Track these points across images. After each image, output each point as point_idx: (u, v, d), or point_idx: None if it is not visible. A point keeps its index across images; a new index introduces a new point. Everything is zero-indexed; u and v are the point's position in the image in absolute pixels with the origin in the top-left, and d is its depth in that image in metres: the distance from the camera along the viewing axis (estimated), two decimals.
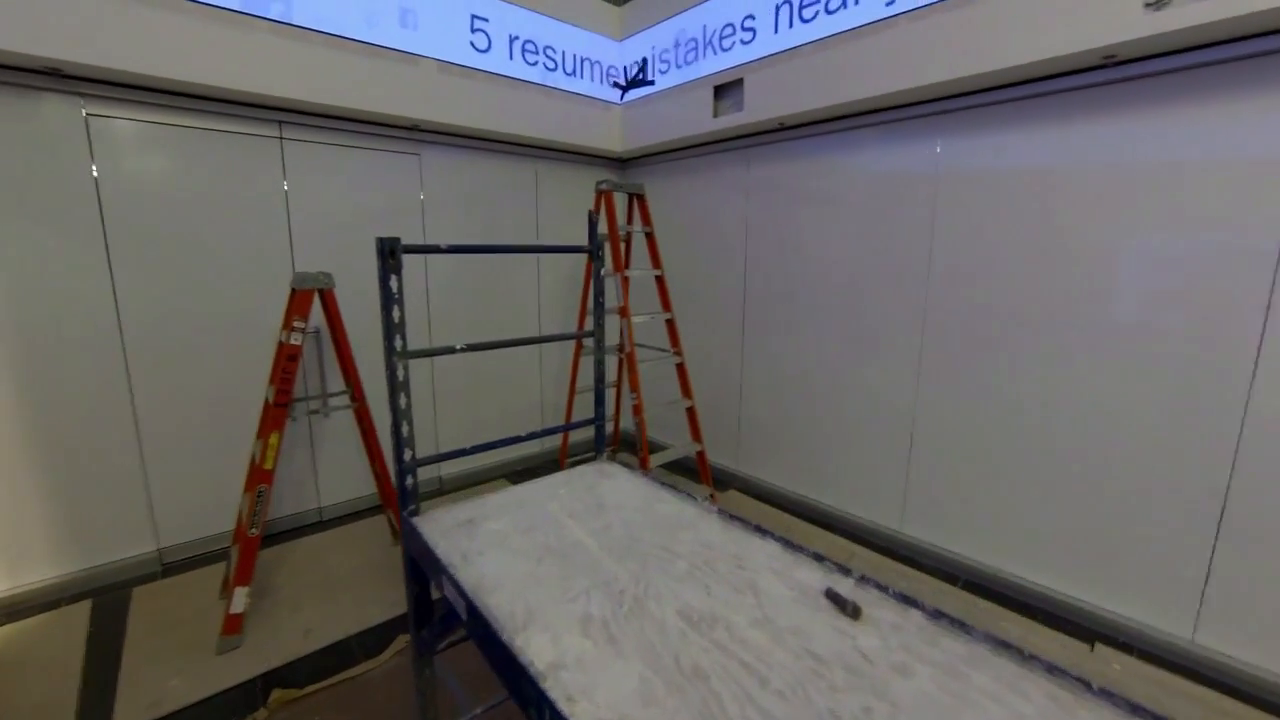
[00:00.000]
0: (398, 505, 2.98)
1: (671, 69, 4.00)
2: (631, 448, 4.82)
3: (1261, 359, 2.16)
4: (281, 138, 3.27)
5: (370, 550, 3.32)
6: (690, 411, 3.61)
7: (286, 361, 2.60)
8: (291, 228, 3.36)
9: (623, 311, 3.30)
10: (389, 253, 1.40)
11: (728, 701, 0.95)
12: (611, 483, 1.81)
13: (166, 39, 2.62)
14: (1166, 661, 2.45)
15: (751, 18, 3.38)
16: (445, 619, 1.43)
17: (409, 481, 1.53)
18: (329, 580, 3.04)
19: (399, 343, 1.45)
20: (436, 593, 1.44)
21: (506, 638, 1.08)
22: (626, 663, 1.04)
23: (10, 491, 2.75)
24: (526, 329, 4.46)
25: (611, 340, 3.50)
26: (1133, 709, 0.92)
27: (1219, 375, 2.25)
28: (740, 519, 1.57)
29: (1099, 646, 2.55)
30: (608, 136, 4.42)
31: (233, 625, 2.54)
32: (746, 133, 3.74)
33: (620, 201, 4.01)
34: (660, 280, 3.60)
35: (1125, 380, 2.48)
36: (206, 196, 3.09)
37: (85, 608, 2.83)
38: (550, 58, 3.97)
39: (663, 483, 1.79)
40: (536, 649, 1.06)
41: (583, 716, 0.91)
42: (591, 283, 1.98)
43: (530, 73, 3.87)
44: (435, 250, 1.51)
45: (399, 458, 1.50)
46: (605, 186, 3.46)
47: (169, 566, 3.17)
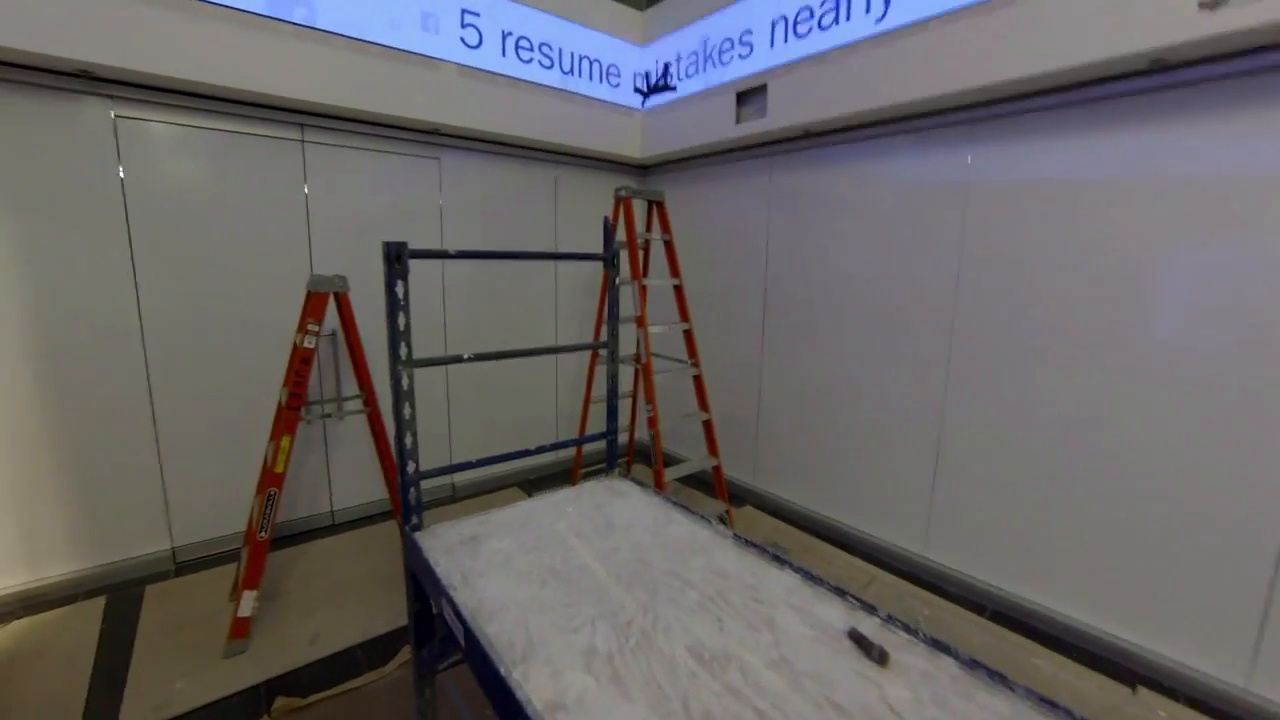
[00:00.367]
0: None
1: (694, 75, 3.95)
2: (646, 459, 4.74)
3: None
4: (303, 140, 3.29)
5: (380, 556, 3.29)
6: (707, 425, 3.52)
7: (300, 364, 2.59)
8: (311, 231, 3.37)
9: (639, 321, 3.24)
10: (395, 257, 1.36)
11: None
12: (622, 501, 1.74)
13: (192, 42, 2.64)
14: (1217, 710, 2.28)
15: (777, 22, 3.31)
16: (446, 640, 1.37)
17: (412, 495, 1.48)
18: (338, 586, 3.01)
19: (404, 350, 1.40)
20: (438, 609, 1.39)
21: (504, 671, 1.01)
22: (631, 706, 0.97)
23: (32, 486, 2.79)
24: (543, 337, 4.43)
25: (628, 350, 3.43)
26: None
27: (1276, 398, 2.10)
28: (757, 545, 1.48)
29: (1142, 690, 2.38)
30: (628, 143, 4.38)
31: (240, 629, 2.52)
32: (770, 140, 3.67)
33: (639, 209, 3.96)
34: (679, 290, 3.53)
35: (1173, 403, 2.33)
36: (228, 198, 3.12)
37: (99, 604, 2.84)
38: (572, 63, 3.95)
39: (675, 503, 1.72)
40: (535, 684, 0.99)
41: None
42: (608, 292, 1.92)
43: (551, 77, 3.85)
44: (444, 255, 1.47)
45: (402, 470, 1.45)
46: (624, 193, 3.40)
47: (182, 565, 3.18)
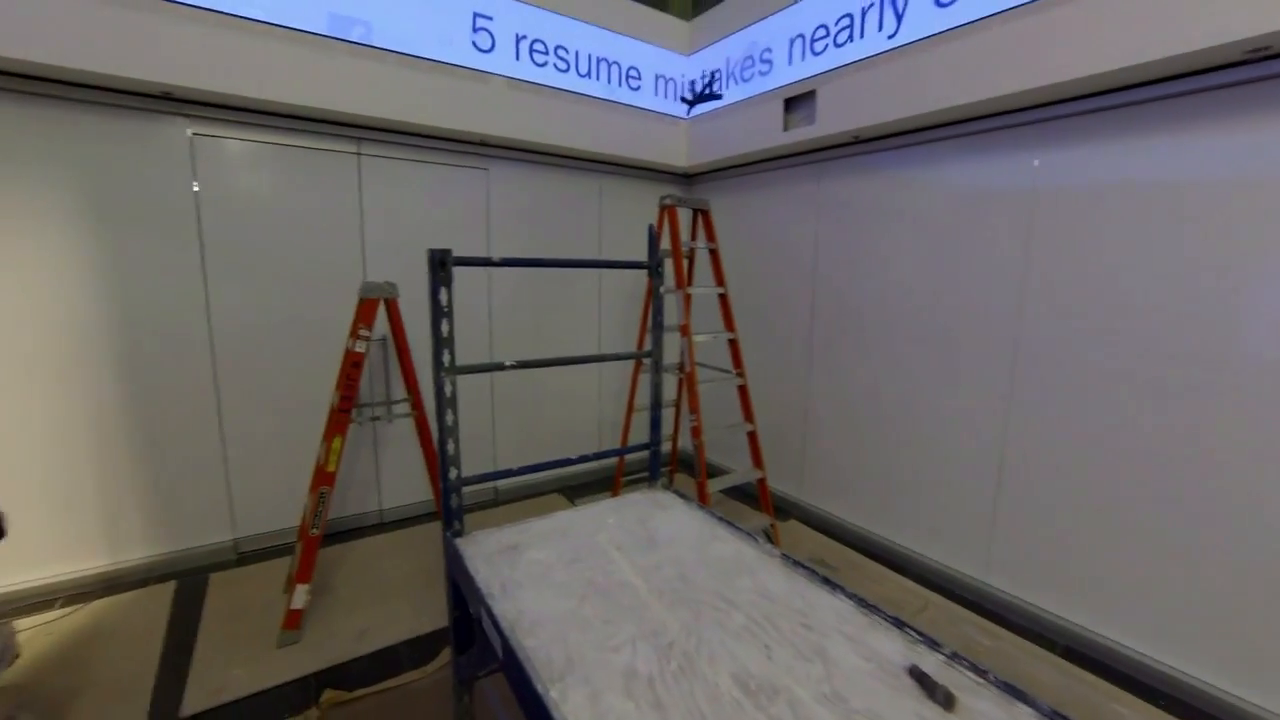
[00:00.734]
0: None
1: (740, 82, 3.90)
2: (689, 469, 4.68)
3: None
4: (359, 154, 3.43)
5: (426, 557, 3.36)
6: (752, 436, 3.44)
7: (351, 368, 2.68)
8: (364, 239, 3.50)
9: (683, 330, 3.20)
10: (440, 264, 1.37)
11: None
12: (665, 514, 1.69)
13: (261, 63, 2.80)
14: None
15: (824, 27, 3.23)
16: (485, 649, 1.36)
17: (454, 501, 1.48)
18: (385, 584, 3.09)
19: (447, 357, 1.41)
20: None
21: (542, 689, 0.99)
22: None
23: (113, 477, 2.99)
24: (586, 345, 4.45)
25: (671, 359, 3.40)
26: None
27: None
28: (806, 566, 1.41)
29: None
30: (673, 151, 4.37)
31: (293, 620, 2.61)
32: (818, 146, 3.57)
33: (684, 217, 3.93)
34: (724, 298, 3.47)
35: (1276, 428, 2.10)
36: (289, 209, 3.27)
37: (169, 588, 3.02)
38: (618, 74, 3.98)
39: (720, 518, 1.66)
40: (573, 706, 0.96)
41: None
42: (653, 300, 1.89)
43: (597, 88, 3.88)
44: (488, 263, 1.48)
45: (444, 476, 1.46)
46: (669, 201, 3.38)
47: (243, 555, 3.34)
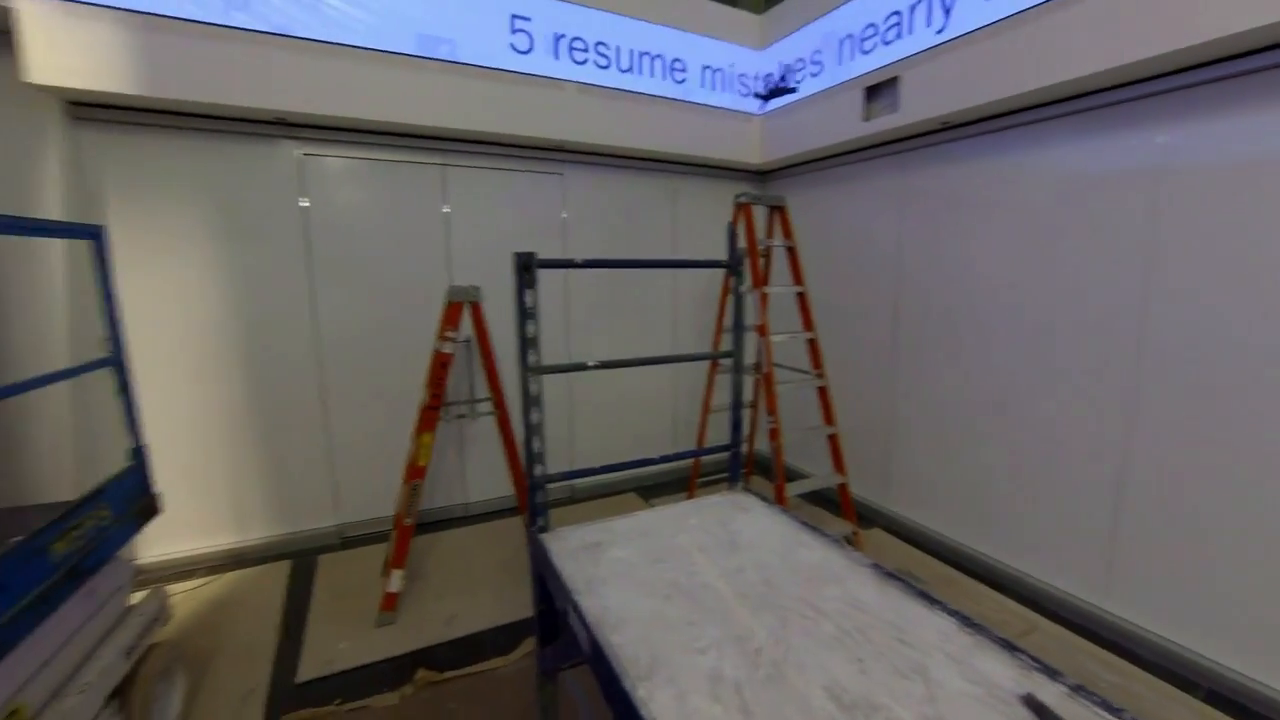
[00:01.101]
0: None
1: (816, 74, 3.77)
2: (765, 472, 4.57)
3: None
4: (444, 165, 3.63)
5: (507, 549, 3.50)
6: (833, 439, 3.30)
7: (439, 368, 2.83)
8: (450, 246, 3.70)
9: (761, 330, 3.13)
10: (525, 267, 1.42)
11: None
12: (746, 517, 1.66)
13: (361, 86, 3.03)
14: None
15: (910, 9, 3.05)
16: (570, 642, 1.39)
17: (539, 497, 1.53)
18: (470, 573, 3.24)
19: (532, 357, 1.46)
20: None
21: (629, 685, 0.99)
22: None
23: (239, 464, 3.35)
24: (660, 346, 4.46)
25: (748, 359, 3.33)
26: None
27: None
28: (900, 578, 1.33)
29: None
30: (746, 148, 4.29)
31: (389, 603, 2.80)
32: (902, 136, 3.38)
33: (759, 215, 3.84)
34: (802, 297, 3.36)
35: None
36: (382, 220, 3.52)
37: (285, 566, 3.33)
38: (690, 73, 3.96)
39: (805, 523, 1.61)
40: (660, 706, 0.96)
41: None
42: (730, 299, 1.86)
43: (669, 88, 3.89)
44: (570, 265, 1.51)
45: (529, 473, 1.51)
46: (744, 199, 3.32)
47: (346, 540, 3.62)
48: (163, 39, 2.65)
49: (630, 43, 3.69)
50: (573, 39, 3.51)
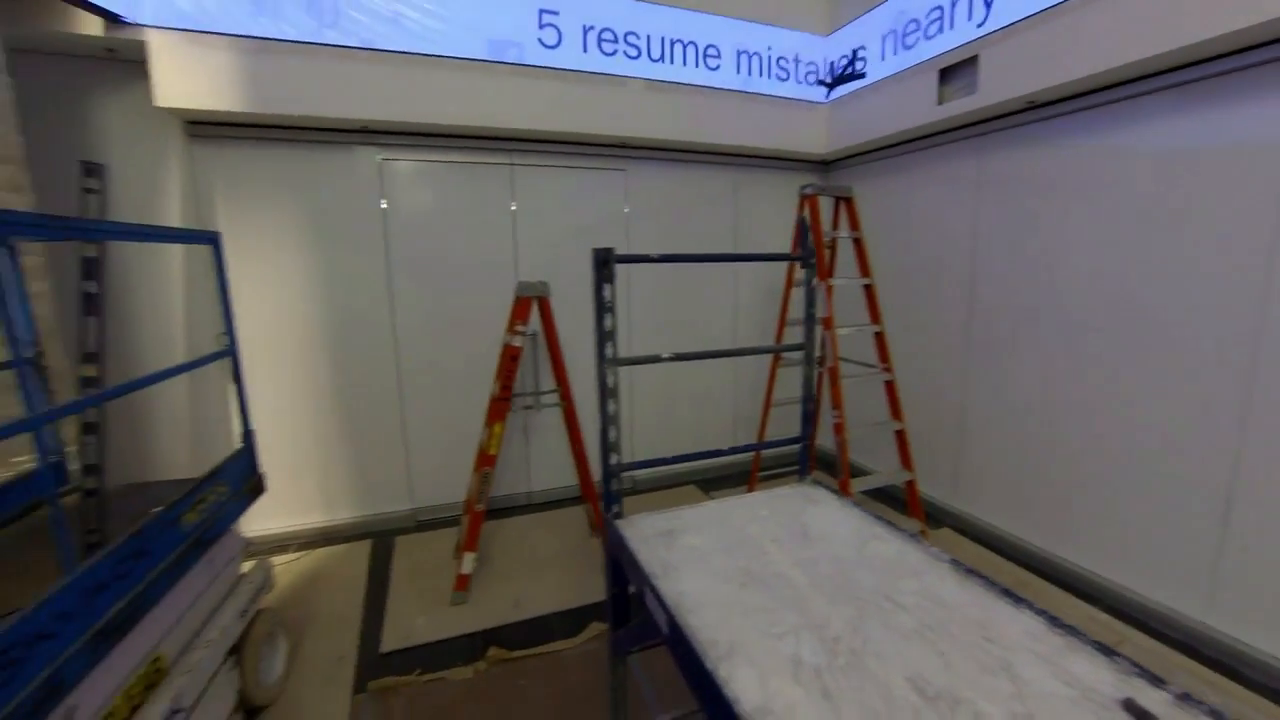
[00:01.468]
0: (598, 504, 3.23)
1: (886, 58, 3.64)
2: (829, 468, 4.49)
3: None
4: (512, 164, 3.76)
5: (570, 537, 3.61)
6: (900, 435, 3.21)
7: (509, 361, 2.96)
8: (516, 242, 3.84)
9: (826, 323, 3.07)
10: (603, 262, 1.47)
11: None
12: (818, 509, 1.65)
13: (437, 92, 3.19)
14: None
15: None
16: (645, 624, 1.44)
17: (614, 485, 1.58)
18: (535, 559, 3.37)
19: (610, 350, 1.51)
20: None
21: (710, 666, 1.03)
22: None
23: (327, 450, 3.62)
24: (721, 339, 4.45)
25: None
26: None
27: None
28: (982, 576, 1.30)
29: None
30: (811, 138, 4.20)
31: (462, 583, 2.96)
32: (980, 119, 3.22)
33: (824, 206, 3.76)
34: (869, 290, 3.28)
35: None
36: (454, 219, 3.69)
37: (367, 545, 3.58)
38: (754, 63, 3.92)
39: (878, 517, 1.59)
40: (741, 685, 0.99)
41: None
42: (804, 292, 1.85)
43: (732, 80, 3.86)
44: (647, 259, 1.55)
45: (605, 461, 1.56)
46: (810, 191, 3.26)
47: (420, 523, 3.84)
48: (266, 60, 2.89)
49: (697, 37, 3.70)
50: (643, 36, 3.57)
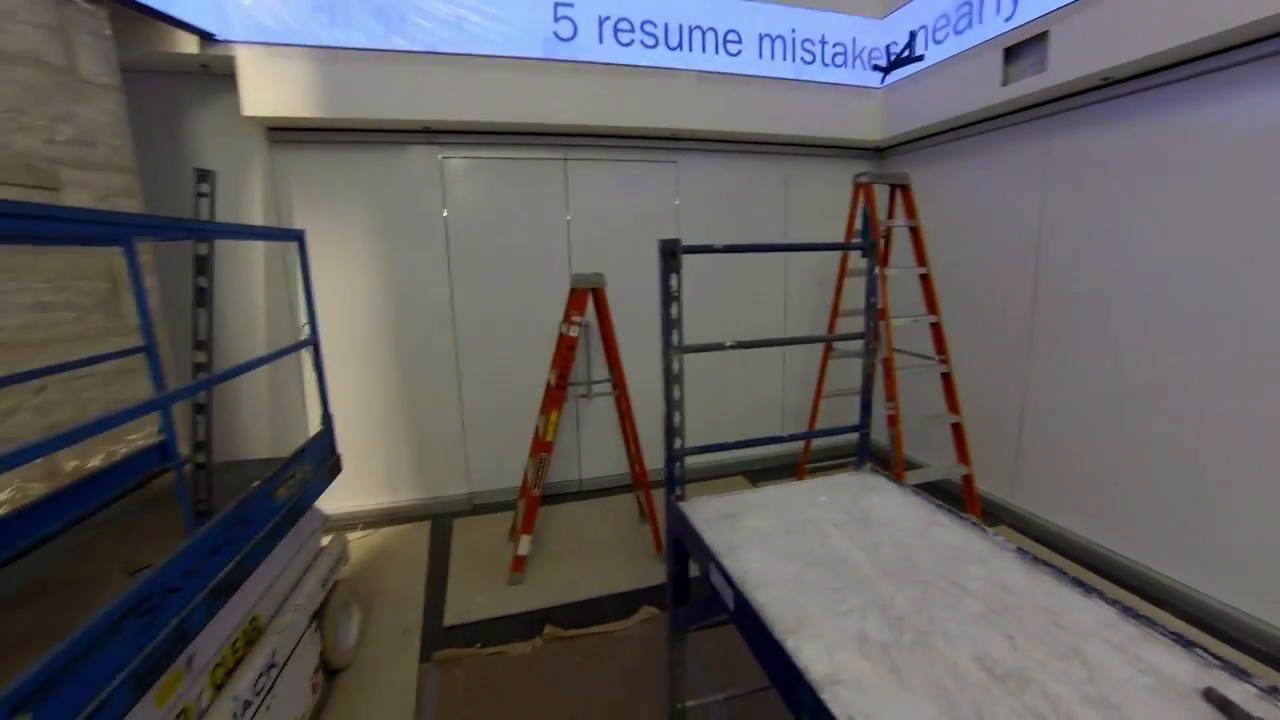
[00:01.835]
0: (649, 492, 3.29)
1: (945, 39, 3.53)
2: (881, 461, 4.41)
3: None
4: (565, 159, 3.85)
5: (620, 524, 3.70)
6: (956, 428, 3.14)
7: (566, 350, 3.05)
8: (570, 235, 3.93)
9: (881, 312, 3.03)
10: (670, 253, 1.52)
11: None
12: (878, 496, 1.67)
13: (495, 92, 3.31)
14: None
15: None
16: (706, 603, 1.49)
17: (677, 469, 1.64)
18: (585, 544, 3.48)
19: (676, 337, 1.56)
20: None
21: (778, 636, 1.07)
22: (914, 698, 0.94)
23: (392, 435, 3.83)
24: (771, 329, 4.44)
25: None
26: None
27: None
28: (1050, 565, 1.29)
29: None
30: (864, 125, 4.12)
31: (518, 564, 3.09)
32: (1049, 98, 3.09)
33: (879, 195, 3.70)
34: (925, 279, 3.21)
35: None
36: (510, 213, 3.82)
37: (427, 526, 3.77)
38: (806, 50, 3.87)
39: (940, 505, 1.58)
40: (809, 657, 1.03)
41: None
42: (862, 282, 1.85)
43: (785, 69, 3.83)
44: (710, 250, 1.59)
45: (669, 445, 1.62)
46: (865, 179, 3.22)
47: (476, 507, 4.02)
48: (338, 68, 3.07)
49: (749, 26, 3.69)
50: (705, 29, 3.60)
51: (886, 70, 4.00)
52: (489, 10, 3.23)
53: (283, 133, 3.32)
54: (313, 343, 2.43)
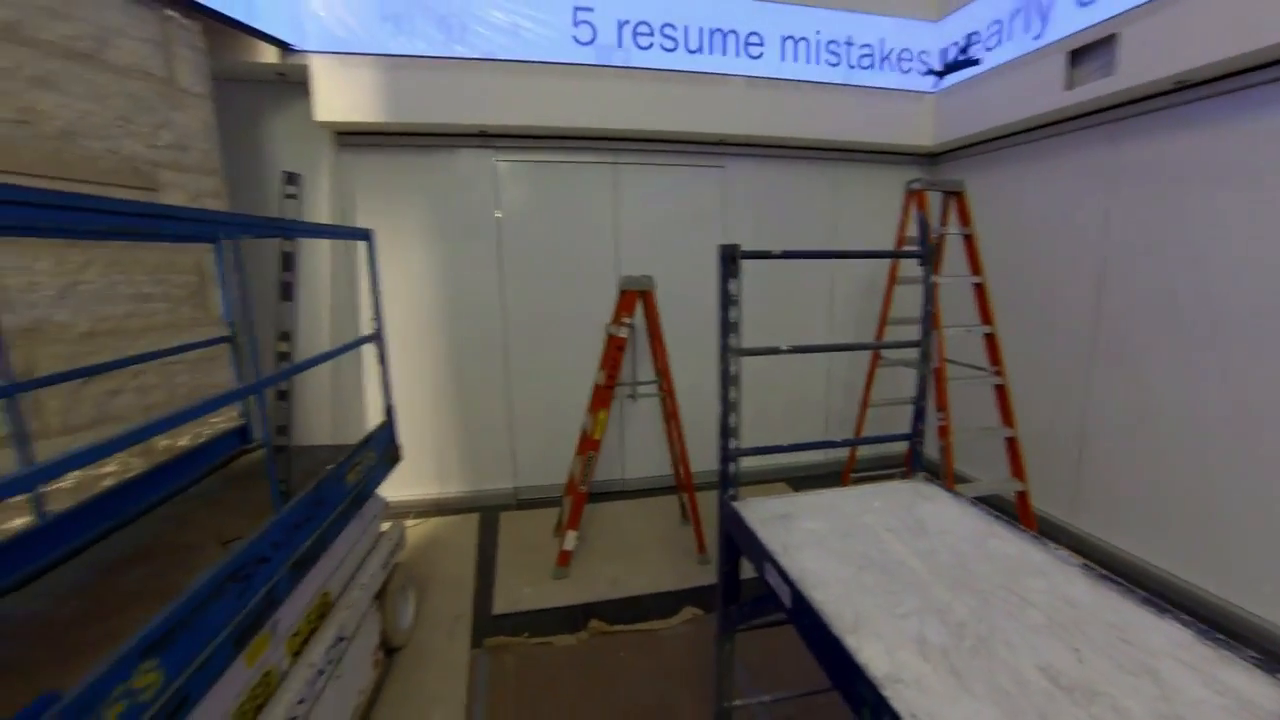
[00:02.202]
0: (694, 494, 3.31)
1: (1003, 42, 3.45)
2: (929, 472, 4.32)
3: None
4: (615, 163, 3.93)
5: (662, 525, 3.74)
6: (1011, 442, 3.06)
7: (614, 351, 3.12)
8: (618, 238, 4.01)
9: (933, 321, 2.98)
10: (730, 258, 1.56)
11: None
12: (932, 505, 1.66)
13: (548, 96, 3.41)
14: None
15: None
16: (758, 601, 1.52)
17: (731, 469, 1.67)
18: (629, 543, 3.53)
19: (733, 340, 1.60)
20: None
21: (837, 633, 1.09)
22: (976, 701, 0.95)
23: (443, 428, 3.98)
24: (816, 336, 4.40)
25: (911, 352, 3.20)
26: None
27: None
28: (1119, 581, 1.27)
29: None
30: (917, 131, 4.06)
31: (564, 559, 3.17)
32: (1116, 103, 2.98)
33: (932, 201, 3.63)
34: (980, 288, 3.14)
35: None
36: (560, 216, 3.92)
37: (475, 518, 3.90)
38: (858, 55, 3.85)
39: (997, 515, 1.57)
40: (869, 655, 1.05)
41: None
42: (919, 289, 1.84)
43: (835, 74, 3.81)
44: (769, 256, 1.62)
45: (724, 445, 1.66)
46: (918, 186, 3.17)
47: (521, 502, 4.13)
48: (401, 75, 3.23)
49: (807, 31, 3.70)
50: (754, 34, 3.64)
51: (941, 74, 3.93)
52: (543, 17, 3.34)
53: (349, 136, 3.51)
54: (378, 337, 2.56)
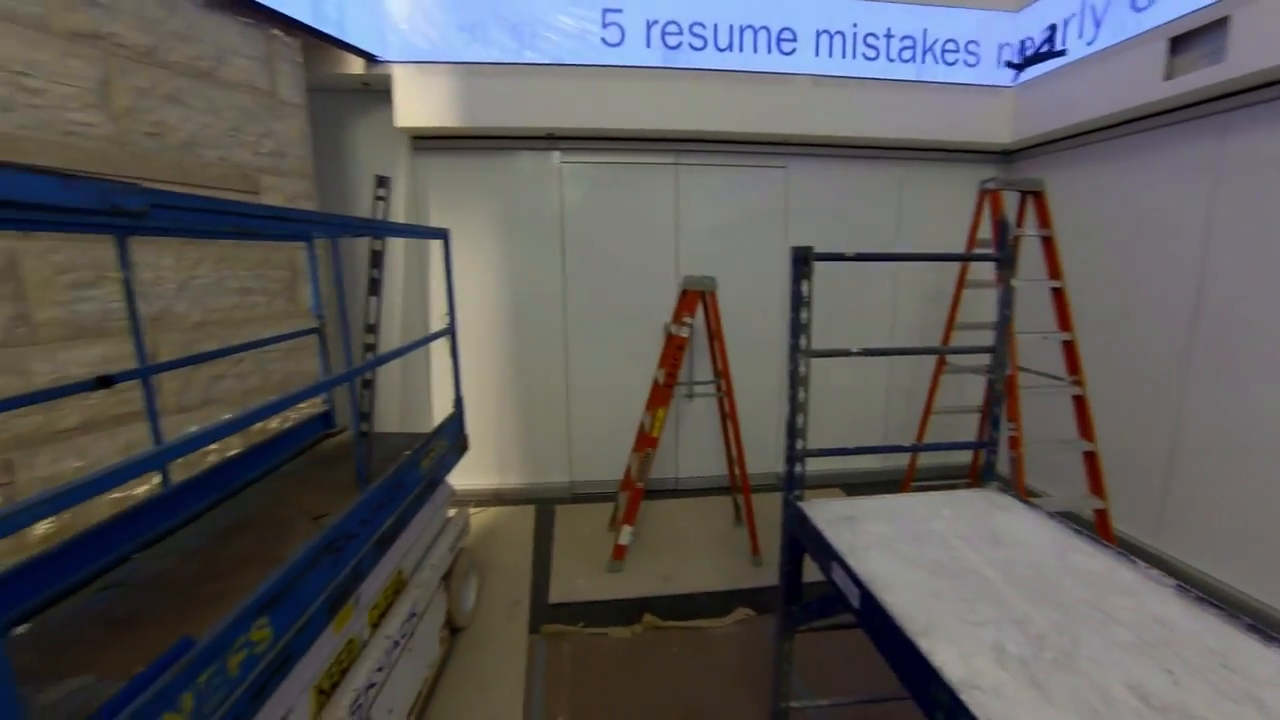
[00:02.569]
0: (749, 496, 3.28)
1: (1090, 31, 3.25)
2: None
3: None
4: (676, 164, 3.96)
5: (716, 525, 3.75)
6: (1090, 457, 2.88)
7: (675, 350, 3.15)
8: (679, 238, 4.04)
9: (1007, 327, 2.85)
10: (803, 260, 1.56)
11: None
12: (1007, 515, 1.60)
13: (613, 99, 3.49)
14: None
15: None
16: (823, 601, 1.52)
17: (797, 470, 1.68)
18: (682, 542, 3.56)
19: (804, 341, 1.60)
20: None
21: (910, 636, 1.09)
22: (1060, 714, 0.93)
23: (504, 421, 4.12)
24: (878, 341, 4.29)
25: (981, 359, 3.07)
26: None
27: None
28: (1220, 606, 1.19)
29: None
30: (992, 127, 3.89)
31: (619, 553, 3.23)
32: (1224, 92, 2.76)
33: (1007, 201, 3.47)
34: (1059, 293, 2.98)
35: None
36: (622, 216, 3.99)
37: (531, 510, 4.02)
38: (932, 49, 3.72)
39: (1079, 530, 1.50)
40: (943, 659, 1.04)
41: None
42: (996, 294, 1.78)
43: (905, 70, 3.70)
44: (842, 258, 1.61)
45: (791, 445, 1.66)
46: (993, 185, 3.04)
47: (576, 496, 4.22)
48: (474, 81, 3.38)
49: (870, 25, 3.62)
50: (833, 32, 3.62)
51: (1020, 67, 3.75)
52: (609, 21, 3.41)
53: (424, 140, 3.70)
54: (451, 332, 2.70)
